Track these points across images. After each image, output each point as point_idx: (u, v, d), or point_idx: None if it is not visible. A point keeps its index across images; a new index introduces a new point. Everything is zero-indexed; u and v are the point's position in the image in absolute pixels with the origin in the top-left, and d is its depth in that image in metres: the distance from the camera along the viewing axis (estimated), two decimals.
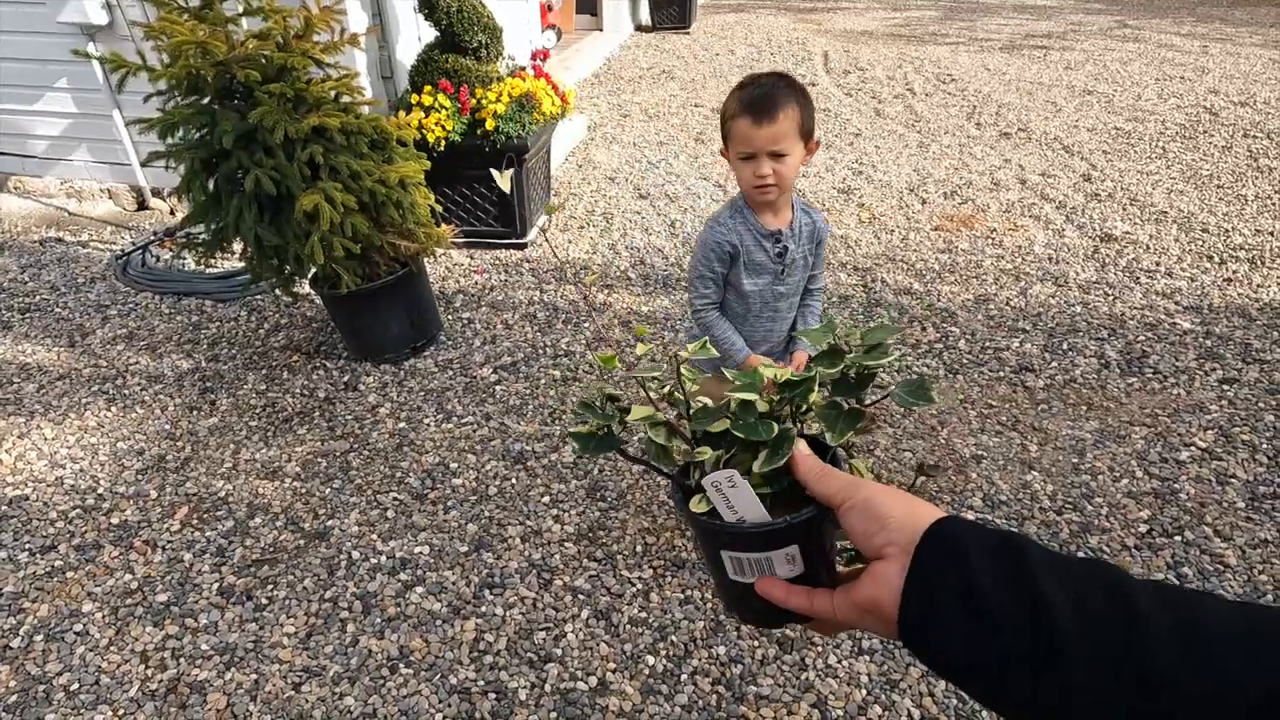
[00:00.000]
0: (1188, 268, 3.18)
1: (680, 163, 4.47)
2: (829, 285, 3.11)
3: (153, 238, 3.54)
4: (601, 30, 7.85)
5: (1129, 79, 6.07)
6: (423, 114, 2.99)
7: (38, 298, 3.17)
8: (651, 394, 0.65)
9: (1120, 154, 4.46)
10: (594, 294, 3.10)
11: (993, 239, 3.49)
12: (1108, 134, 4.79)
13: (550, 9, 6.84)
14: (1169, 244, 3.38)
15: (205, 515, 2.05)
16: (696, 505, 0.57)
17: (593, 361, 2.53)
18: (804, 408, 0.61)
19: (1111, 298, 2.98)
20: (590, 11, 7.93)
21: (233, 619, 1.75)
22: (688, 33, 8.15)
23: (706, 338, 0.78)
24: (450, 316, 2.95)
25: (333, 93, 2.24)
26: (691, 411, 0.64)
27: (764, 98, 1.41)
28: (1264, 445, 2.18)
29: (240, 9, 2.17)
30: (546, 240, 3.55)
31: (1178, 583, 1.77)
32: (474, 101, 3.02)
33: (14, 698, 1.57)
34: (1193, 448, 2.19)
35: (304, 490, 2.13)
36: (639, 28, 8.39)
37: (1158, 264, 3.21)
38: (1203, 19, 8.71)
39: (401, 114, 2.57)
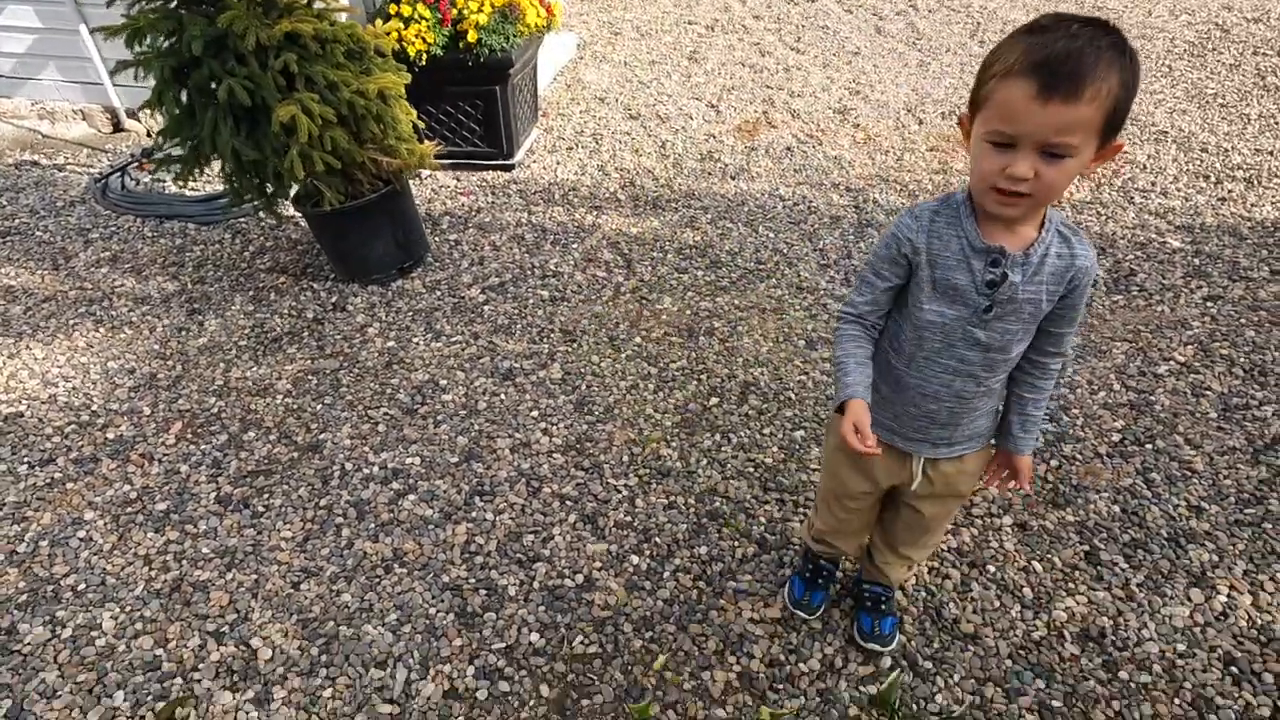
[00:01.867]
0: (1183, 187, 3.15)
1: (672, 83, 4.33)
2: (820, 205, 3.08)
3: (130, 160, 3.45)
4: None
5: None
6: (402, 25, 2.87)
7: (17, 221, 3.12)
8: None
9: None
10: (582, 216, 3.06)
11: None
12: None
13: None
14: (1166, 164, 3.33)
15: (199, 430, 2.08)
16: None
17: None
18: None
19: (1105, 217, 2.96)
20: None
21: (231, 525, 1.80)
22: None
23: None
24: (437, 238, 2.92)
25: None
26: None
27: (1069, 59, 0.85)
28: (1241, 359, 2.21)
29: None
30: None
31: (1145, 487, 1.83)
32: (455, 11, 2.90)
33: (24, 597, 1.64)
34: (1172, 362, 2.22)
35: (296, 406, 2.16)
36: None
37: (1153, 184, 3.17)
38: None
39: (379, 23, 2.47)
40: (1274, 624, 1.52)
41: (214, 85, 2.09)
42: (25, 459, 1.99)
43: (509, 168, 3.38)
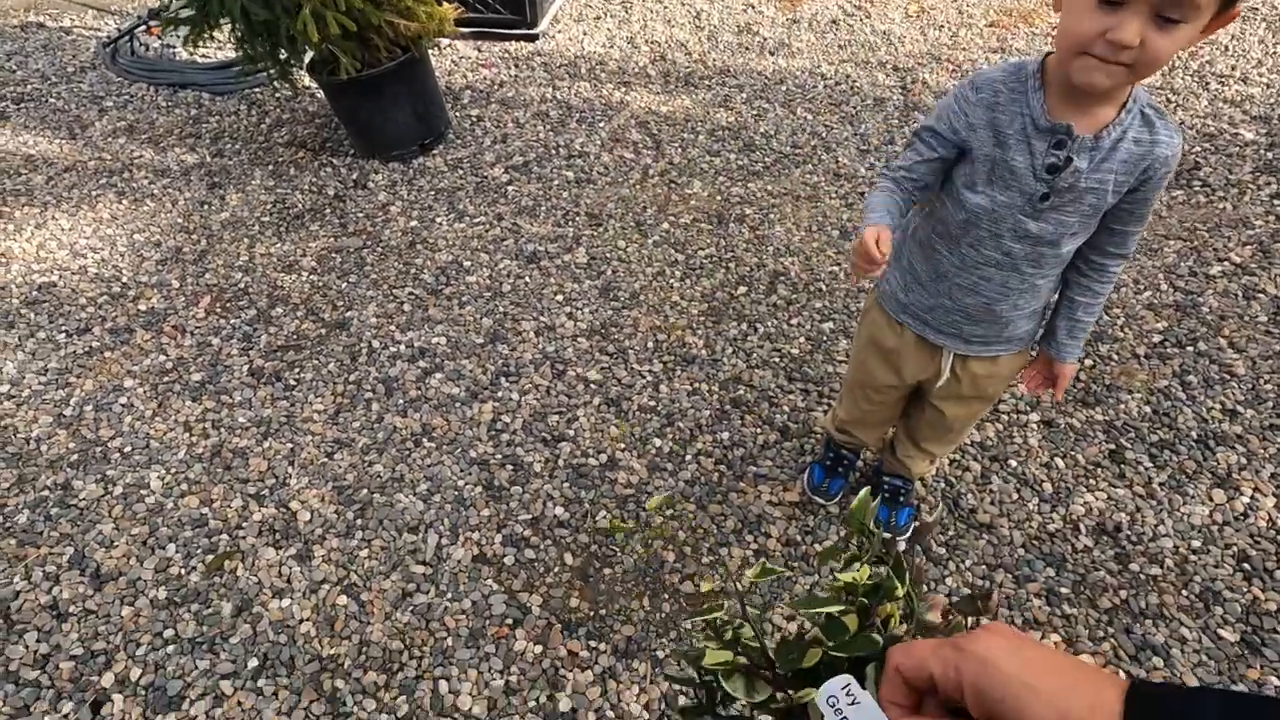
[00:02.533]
0: (1267, 73, 2.87)
1: None
2: (864, 85, 2.87)
3: (138, 22, 3.29)
4: None
5: None
6: None
7: (29, 87, 3.03)
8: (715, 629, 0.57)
9: None
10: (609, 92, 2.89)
11: (1053, 37, 3.14)
12: None
13: None
14: (1251, 46, 3.02)
15: (228, 305, 2.10)
16: None
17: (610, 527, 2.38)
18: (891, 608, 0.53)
19: (1174, 105, 2.73)
20: None
21: (265, 396, 1.85)
22: None
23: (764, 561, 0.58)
24: (458, 114, 2.80)
25: None
26: (775, 649, 0.56)
27: None
28: None
29: None
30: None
31: (1180, 389, 1.79)
32: None
33: (75, 457, 1.72)
34: (1226, 263, 2.11)
35: (321, 283, 2.15)
36: None
37: (1233, 69, 2.90)
38: None
39: None
40: None
41: None
42: (63, 328, 2.03)
43: (533, 38, 3.18)
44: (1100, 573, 1.48)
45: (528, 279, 2.15)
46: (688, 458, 1.69)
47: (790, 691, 0.55)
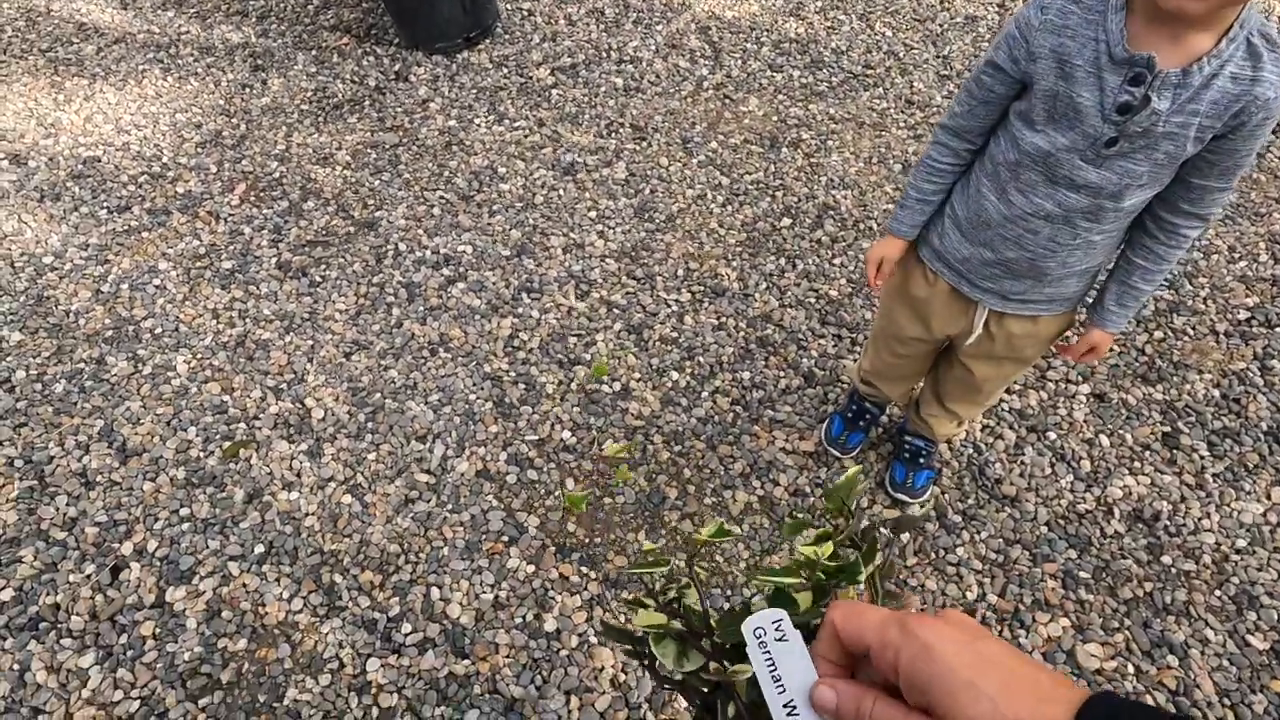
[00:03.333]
0: None
1: None
2: None
3: None
4: None
5: None
6: None
7: None
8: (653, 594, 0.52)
9: None
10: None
11: None
12: None
13: None
14: None
15: (262, 194, 2.08)
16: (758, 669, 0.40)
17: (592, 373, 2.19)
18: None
19: None
20: None
21: (290, 290, 1.85)
22: None
23: (722, 523, 0.55)
24: (509, 5, 2.63)
25: None
26: (715, 620, 0.51)
27: None
28: None
29: None
30: None
31: (1258, 374, 1.62)
32: None
33: (110, 333, 1.77)
34: None
35: (354, 180, 2.11)
36: None
37: None
38: None
39: None
40: None
41: None
42: (104, 204, 2.06)
43: None
44: (1127, 561, 1.38)
45: (562, 192, 2.05)
46: (704, 394, 1.64)
47: (725, 664, 0.51)
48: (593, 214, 2.00)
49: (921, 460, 1.45)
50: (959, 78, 2.31)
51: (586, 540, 1.43)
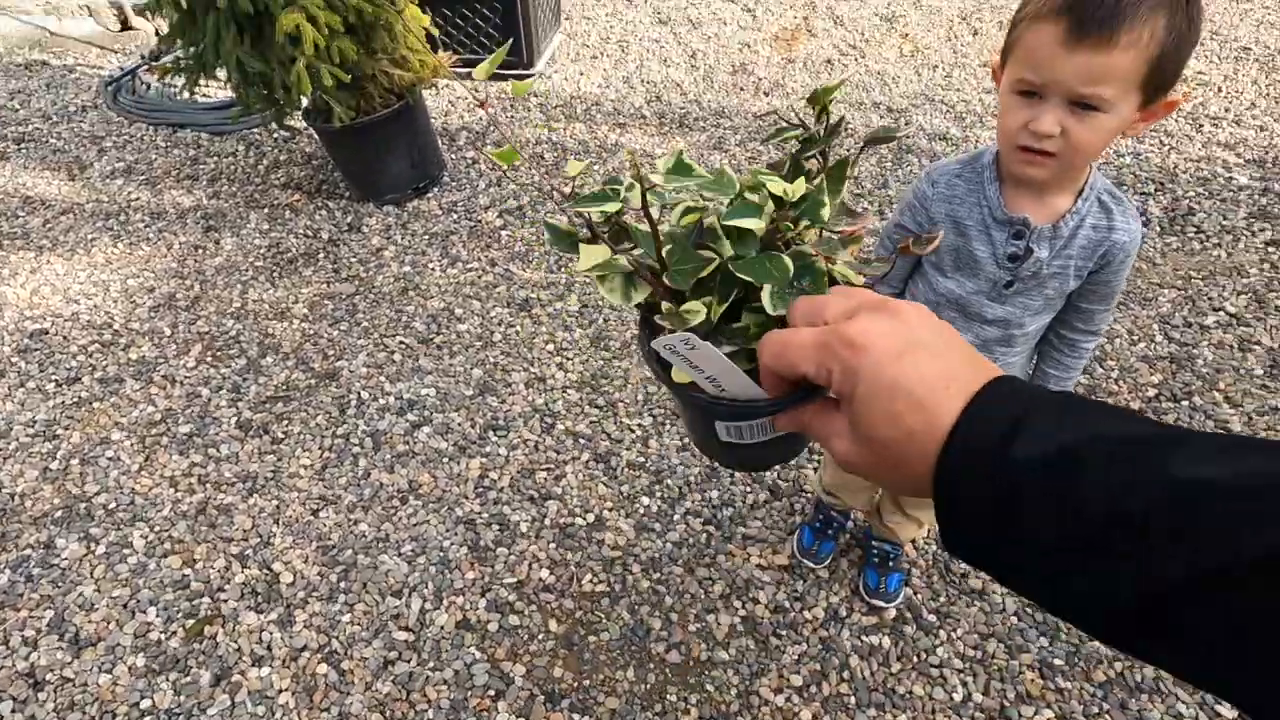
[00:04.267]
0: (1260, 115, 2.88)
1: None
2: (858, 127, 2.88)
3: (140, 62, 3.33)
4: None
5: None
6: None
7: (31, 127, 3.06)
8: (592, 229, 0.47)
9: None
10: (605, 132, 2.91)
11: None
12: None
13: None
14: (1245, 87, 3.04)
15: (219, 353, 2.10)
16: (681, 375, 0.45)
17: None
18: (804, 229, 0.47)
19: (1167, 148, 2.73)
20: None
21: (252, 450, 1.84)
22: None
23: (681, 151, 0.51)
24: (454, 155, 2.82)
25: None
26: (666, 252, 0.47)
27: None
28: None
29: None
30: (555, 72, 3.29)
31: None
32: None
33: (59, 513, 1.71)
34: (1221, 313, 2.10)
35: (312, 332, 2.15)
36: None
37: (1227, 110, 2.91)
38: None
39: None
40: None
41: None
42: (53, 376, 2.03)
43: (529, 78, 3.20)
44: (1095, 643, 1.45)
45: (519, 328, 2.14)
46: (676, 517, 1.68)
47: (676, 305, 0.47)
48: (550, 347, 2.08)
49: (891, 564, 1.51)
50: (870, 196, 2.57)
51: (575, 684, 1.41)
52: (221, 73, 2.26)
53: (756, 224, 0.45)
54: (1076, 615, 0.31)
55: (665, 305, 0.47)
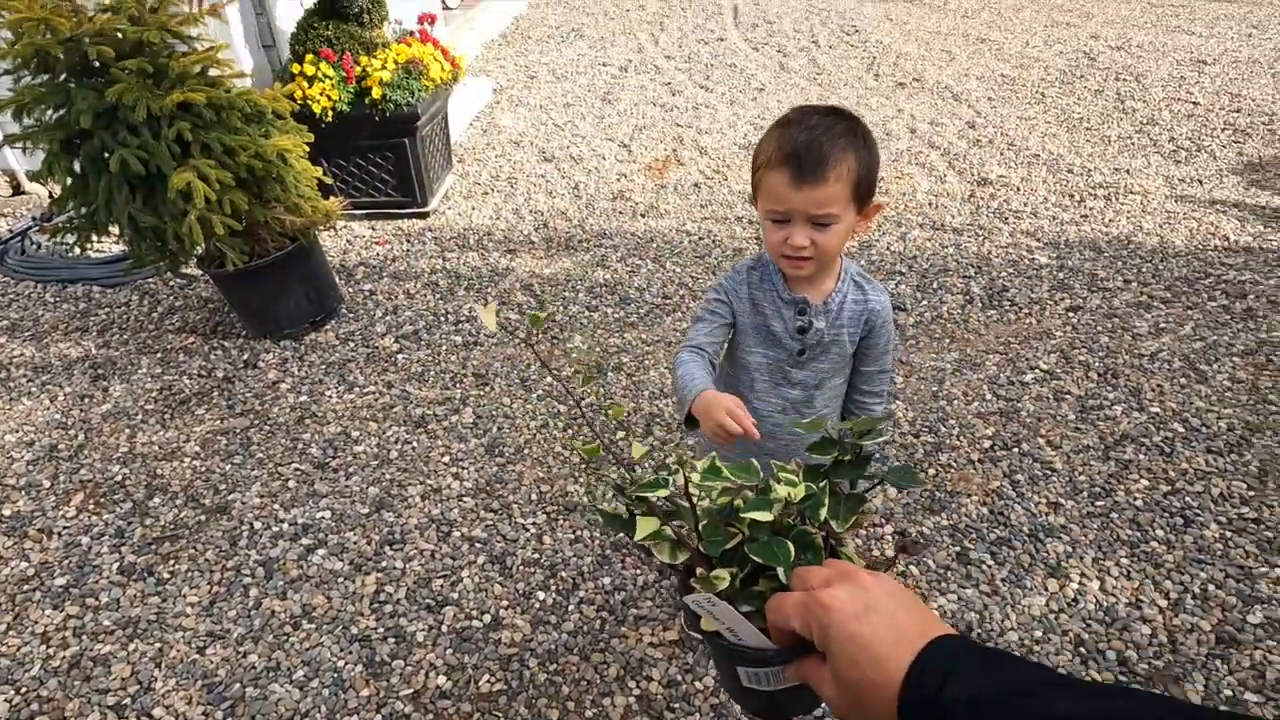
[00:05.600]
0: (1051, 207, 3.44)
1: (586, 124, 4.49)
2: (723, 239, 3.24)
3: (31, 224, 3.39)
4: None
5: (1020, 25, 6.33)
6: (306, 84, 2.94)
7: None
8: (655, 500, 0.63)
9: (1004, 100, 4.70)
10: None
11: (880, 188, 3.67)
12: (994, 81, 5.02)
13: None
14: (1037, 185, 3.63)
15: (102, 500, 2.06)
16: (708, 625, 0.58)
17: (576, 451, 2.45)
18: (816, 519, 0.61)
19: (981, 238, 3.21)
20: None
21: (134, 594, 1.79)
22: None
23: (714, 455, 0.69)
24: (351, 289, 2.96)
25: (198, 66, 2.20)
26: (702, 528, 0.62)
27: (810, 148, 1.02)
28: (1095, 364, 2.44)
29: None
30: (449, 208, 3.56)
31: (1010, 488, 2.00)
32: (359, 70, 2.98)
33: None
34: (1037, 370, 2.43)
35: (204, 468, 2.16)
36: None
37: (1025, 204, 3.46)
38: None
39: (278, 85, 2.53)
40: (1116, 605, 1.69)
41: (106, 155, 2.11)
42: None
43: (424, 215, 3.45)
44: None
45: (415, 444, 2.22)
46: (571, 607, 1.73)
47: (707, 568, 0.60)
48: (446, 459, 2.16)
49: None
50: None
51: None
52: (114, 228, 2.37)
53: (767, 515, 0.59)
54: None
55: (699, 571, 0.61)
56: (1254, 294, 2.77)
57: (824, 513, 0.60)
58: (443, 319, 2.77)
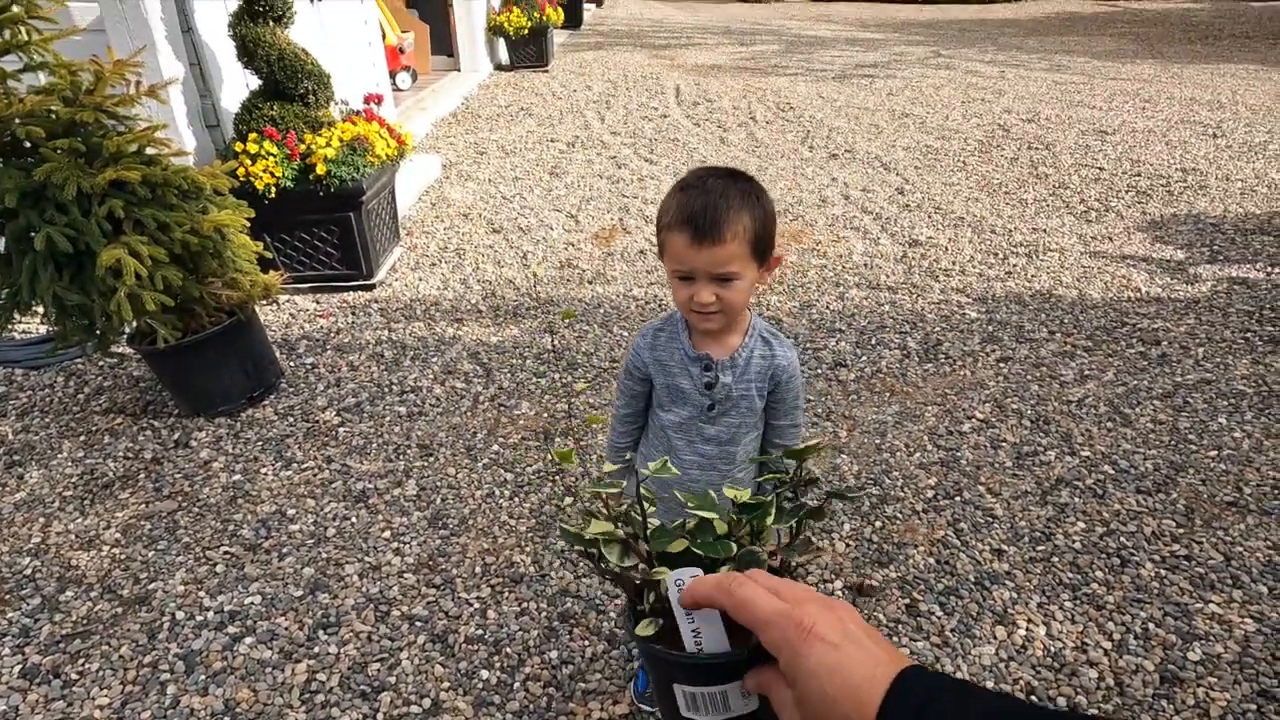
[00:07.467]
0: (978, 265, 3.63)
1: (534, 196, 4.61)
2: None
3: None
4: (459, 70, 7.94)
5: (940, 102, 6.83)
6: (250, 160, 2.95)
7: None
8: (608, 508, 0.64)
9: (929, 168, 5.01)
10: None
11: (818, 250, 3.83)
12: (920, 151, 5.37)
13: (402, 51, 6.88)
14: (964, 245, 3.84)
15: (6, 596, 1.91)
16: (644, 629, 0.55)
17: (552, 456, 2.48)
18: (762, 530, 0.62)
19: (915, 295, 3.35)
20: (447, 53, 8.01)
21: (36, 700, 1.64)
22: (547, 71, 8.38)
23: (667, 457, 0.71)
24: (293, 363, 2.90)
25: (134, 145, 2.19)
26: (649, 531, 0.63)
27: (707, 211, 1.06)
28: (1028, 411, 2.53)
29: (22, 64, 2.10)
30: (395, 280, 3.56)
31: (955, 537, 2.02)
32: (303, 147, 3.02)
33: None
34: (973, 419, 2.50)
35: (124, 556, 2.03)
36: (498, 67, 8.55)
37: (954, 263, 3.64)
38: (1003, 48, 9.91)
39: (217, 162, 2.54)
40: (1064, 650, 1.69)
41: (31, 234, 2.06)
42: None
43: (370, 287, 3.44)
44: None
45: (354, 519, 2.14)
46: (516, 685, 1.65)
47: (653, 566, 0.61)
48: (387, 534, 2.09)
49: None
50: None
51: None
52: (40, 308, 2.29)
53: (713, 514, 0.61)
54: None
55: (642, 566, 0.63)
56: (1166, 340, 2.94)
57: (770, 520, 0.62)
58: (387, 390, 2.73)
